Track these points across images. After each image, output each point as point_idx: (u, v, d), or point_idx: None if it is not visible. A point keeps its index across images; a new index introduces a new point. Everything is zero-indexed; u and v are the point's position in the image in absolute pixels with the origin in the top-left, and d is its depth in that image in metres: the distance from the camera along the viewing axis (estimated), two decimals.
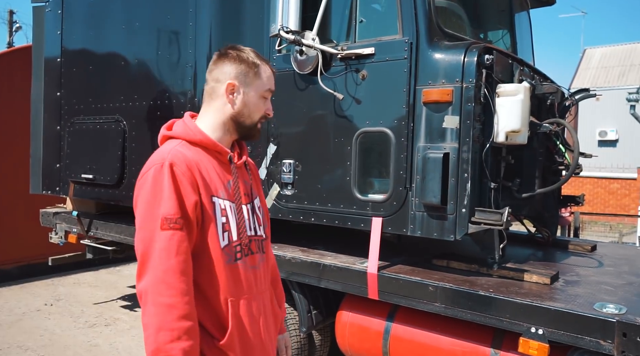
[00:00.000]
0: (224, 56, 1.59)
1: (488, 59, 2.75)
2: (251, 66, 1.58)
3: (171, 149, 1.49)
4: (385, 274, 2.93)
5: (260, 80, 1.58)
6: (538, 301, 2.50)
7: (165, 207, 1.40)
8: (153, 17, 3.76)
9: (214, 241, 1.48)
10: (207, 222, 1.47)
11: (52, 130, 4.49)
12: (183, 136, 1.55)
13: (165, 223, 1.39)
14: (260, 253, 1.64)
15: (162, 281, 1.36)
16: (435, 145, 2.79)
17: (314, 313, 3.38)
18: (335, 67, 3.14)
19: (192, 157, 1.50)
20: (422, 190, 2.80)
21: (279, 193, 3.40)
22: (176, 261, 1.38)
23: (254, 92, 1.58)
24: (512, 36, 3.96)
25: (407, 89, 2.86)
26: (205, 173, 1.50)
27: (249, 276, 1.56)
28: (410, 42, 2.86)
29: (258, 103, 1.59)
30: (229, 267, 1.50)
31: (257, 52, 1.62)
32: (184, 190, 1.43)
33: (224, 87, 1.56)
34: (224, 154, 1.57)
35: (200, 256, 1.47)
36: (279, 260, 3.32)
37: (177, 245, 1.39)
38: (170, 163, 1.44)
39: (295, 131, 3.34)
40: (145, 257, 1.39)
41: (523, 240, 4.19)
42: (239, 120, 1.58)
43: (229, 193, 1.54)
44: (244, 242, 1.54)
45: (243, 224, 1.55)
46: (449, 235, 2.78)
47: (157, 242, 1.38)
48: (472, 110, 2.71)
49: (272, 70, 1.63)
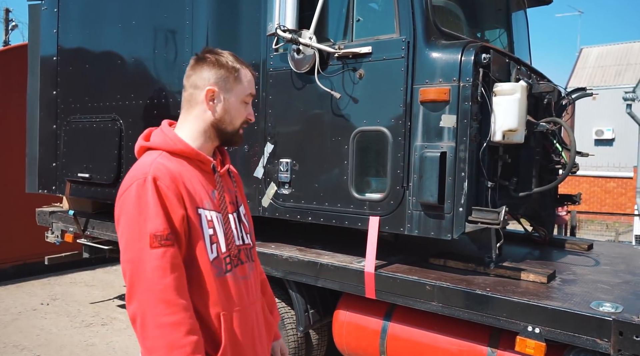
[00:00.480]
0: (201, 61, 1.52)
1: (485, 58, 2.75)
2: (231, 71, 1.52)
3: (152, 161, 1.42)
4: (382, 273, 2.93)
5: (241, 85, 1.53)
6: (535, 300, 2.50)
7: (153, 223, 1.34)
8: (150, 15, 3.74)
9: (202, 254, 1.43)
10: (194, 235, 1.42)
11: (48, 129, 4.47)
12: (163, 146, 1.48)
13: (155, 240, 1.33)
14: (249, 262, 1.60)
15: (161, 301, 1.30)
16: (433, 144, 2.79)
17: (311, 312, 3.38)
18: (333, 66, 3.13)
19: (175, 168, 1.44)
20: (419, 189, 2.80)
21: (276, 192, 3.39)
22: (172, 278, 1.33)
23: (234, 97, 1.53)
24: (509, 35, 3.96)
25: (405, 88, 2.86)
26: (189, 184, 1.45)
27: (240, 288, 1.51)
28: (407, 41, 2.86)
29: (239, 108, 1.54)
30: (219, 280, 1.45)
31: (235, 55, 1.57)
32: (170, 205, 1.37)
33: (204, 94, 1.50)
34: (207, 163, 1.52)
35: (189, 270, 1.42)
36: (276, 260, 3.32)
37: (171, 261, 1.34)
38: (153, 177, 1.37)
39: (293, 130, 3.33)
40: (135, 278, 1.33)
41: (520, 239, 4.20)
42: (221, 127, 1.53)
43: (214, 204, 1.49)
44: (233, 253, 1.50)
45: (231, 235, 1.51)
46: (446, 234, 2.78)
47: (148, 262, 1.32)
48: (469, 109, 2.71)
49: (252, 74, 1.58)
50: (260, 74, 3.43)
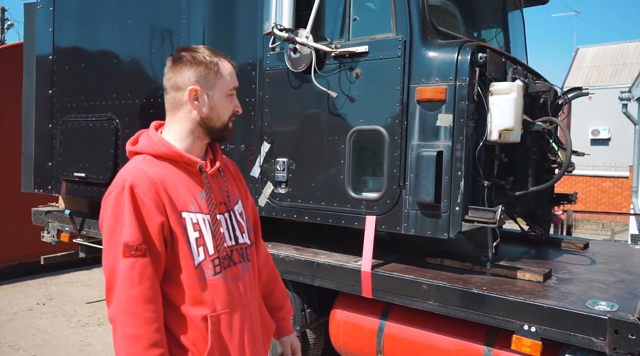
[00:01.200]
0: (178, 61, 1.49)
1: (481, 57, 2.75)
2: (210, 66, 1.48)
3: (132, 168, 1.43)
4: (379, 272, 2.93)
5: (223, 79, 1.50)
6: (531, 299, 2.51)
7: (126, 233, 1.35)
8: (146, 14, 3.73)
9: (186, 259, 1.43)
10: (178, 240, 1.41)
11: (44, 129, 4.46)
12: (147, 150, 1.48)
13: (127, 250, 1.34)
14: (244, 262, 1.57)
15: (127, 312, 1.33)
16: (429, 144, 2.79)
17: (307, 311, 3.37)
18: (329, 65, 3.13)
19: (157, 173, 1.43)
20: (416, 189, 2.80)
21: (272, 191, 3.39)
22: (139, 290, 1.34)
23: (218, 93, 1.50)
24: (505, 35, 3.97)
25: (401, 87, 2.86)
26: (172, 188, 1.44)
27: (231, 289, 1.50)
28: (403, 40, 2.86)
29: (225, 103, 1.52)
30: (205, 282, 1.44)
31: (211, 49, 1.53)
32: (146, 213, 1.37)
33: (187, 94, 1.48)
34: (193, 165, 1.49)
35: (174, 275, 1.43)
36: (274, 259, 3.30)
37: (140, 272, 1.34)
38: (130, 185, 1.38)
39: (289, 129, 3.33)
40: (110, 284, 1.37)
41: (516, 238, 4.21)
42: (209, 124, 1.51)
43: (201, 206, 1.48)
44: (223, 255, 1.48)
45: (220, 236, 1.49)
46: (443, 233, 2.78)
47: (120, 270, 1.34)
48: (465, 108, 2.71)
49: (232, 65, 1.54)
50: (256, 73, 3.43)
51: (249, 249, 1.63)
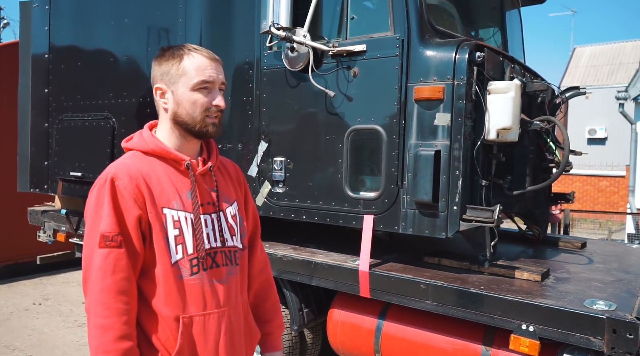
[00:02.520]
0: (153, 60, 1.52)
1: (479, 56, 2.74)
2: (172, 62, 1.46)
3: (118, 162, 1.46)
4: (376, 272, 2.92)
5: (185, 75, 1.45)
6: (529, 298, 2.50)
7: (103, 224, 1.37)
8: (142, 13, 3.71)
9: (162, 255, 1.41)
10: (156, 235, 1.41)
11: (40, 128, 4.43)
12: (137, 147, 1.51)
13: (102, 240, 1.36)
14: (230, 265, 1.53)
15: (99, 302, 1.34)
16: (427, 143, 2.78)
17: (305, 311, 3.36)
18: (327, 64, 3.12)
19: (142, 167, 1.45)
20: (414, 188, 2.79)
21: (270, 191, 3.38)
22: (112, 280, 1.34)
23: (183, 88, 1.46)
24: (502, 34, 3.96)
25: (399, 86, 2.85)
26: (156, 184, 1.44)
27: (209, 292, 1.46)
28: (401, 39, 2.85)
29: (192, 98, 1.46)
30: (181, 282, 1.43)
31: (190, 45, 1.51)
32: (124, 205, 1.38)
33: (155, 93, 1.51)
34: (180, 162, 1.49)
35: (150, 271, 1.42)
36: (270, 258, 3.28)
37: (114, 263, 1.35)
38: (112, 177, 1.40)
39: (287, 128, 3.32)
40: (86, 274, 1.38)
41: (514, 237, 4.21)
42: (179, 121, 1.49)
43: (185, 204, 1.46)
44: (201, 255, 1.46)
45: (201, 236, 1.46)
46: (441, 232, 2.78)
47: (95, 260, 1.36)
48: (463, 107, 2.70)
49: (205, 57, 1.47)
50: (254, 72, 3.41)
51: (239, 253, 1.59)
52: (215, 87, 1.50)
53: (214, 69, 1.49)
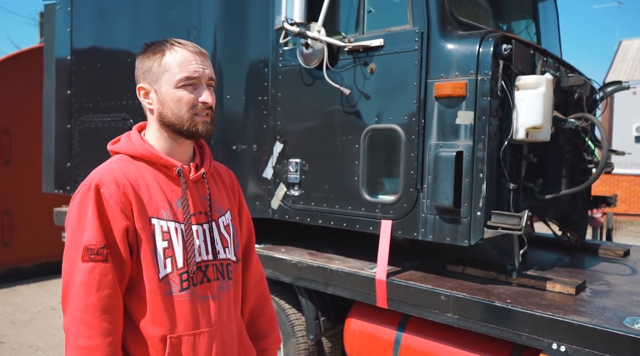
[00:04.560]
0: (136, 57, 1.41)
1: (506, 49, 2.52)
2: (153, 58, 1.36)
3: (104, 167, 1.34)
4: (394, 281, 2.74)
5: (167, 71, 1.33)
6: (560, 314, 2.27)
7: (87, 235, 1.24)
8: (158, 11, 3.65)
9: (149, 270, 1.29)
10: (143, 248, 1.29)
11: (63, 129, 4.45)
12: (124, 150, 1.38)
13: (86, 254, 1.23)
14: (222, 280, 1.41)
15: (81, 321, 1.22)
16: (448, 143, 2.58)
17: (322, 319, 3.22)
18: (343, 61, 2.96)
19: (129, 173, 1.32)
20: (434, 192, 2.60)
21: (285, 193, 3.24)
22: (96, 297, 1.22)
23: (166, 85, 1.34)
24: (536, 26, 3.70)
25: (418, 82, 2.66)
26: (144, 191, 1.32)
27: (200, 309, 1.35)
28: (421, 32, 2.66)
29: (177, 95, 1.33)
30: (170, 298, 1.31)
31: (175, 39, 1.38)
32: (111, 215, 1.27)
33: (139, 94, 1.40)
34: (171, 168, 1.37)
35: (137, 287, 1.30)
36: (285, 264, 3.17)
37: (99, 279, 1.23)
38: (96, 184, 1.28)
39: (302, 129, 3.18)
40: (66, 290, 1.26)
41: (548, 243, 3.93)
42: (166, 122, 1.36)
43: (176, 213, 1.34)
44: (192, 269, 1.33)
45: (192, 248, 1.34)
46: (463, 240, 2.57)
47: (77, 275, 1.23)
48: (487, 104, 2.49)
49: (189, 51, 1.35)
50: (269, 70, 3.29)
51: (232, 266, 1.47)
52: (202, 83, 1.36)
53: (199, 63, 1.36)
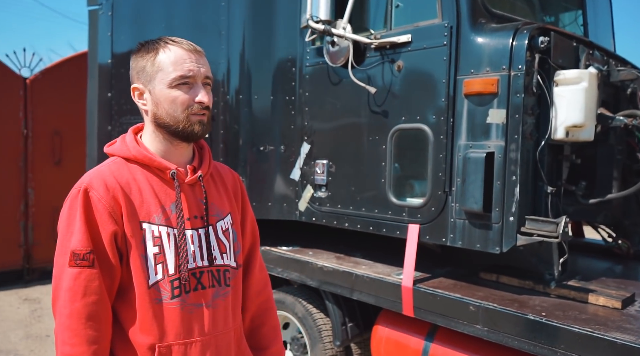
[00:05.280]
0: (131, 57, 1.39)
1: (543, 42, 2.33)
2: (146, 57, 1.32)
3: (95, 170, 1.32)
4: (421, 288, 2.61)
5: (161, 70, 1.29)
6: (601, 331, 2.07)
7: (74, 240, 1.23)
8: (189, 13, 3.68)
9: (139, 276, 1.25)
10: (133, 253, 1.26)
11: (104, 131, 4.58)
12: (118, 152, 1.36)
13: (73, 259, 1.22)
14: (218, 287, 1.36)
15: (67, 328, 1.20)
16: (478, 144, 2.42)
17: (349, 325, 3.12)
18: (370, 58, 2.85)
19: (121, 176, 1.29)
20: (463, 195, 2.45)
21: (312, 195, 3.17)
22: (82, 304, 1.20)
23: (160, 85, 1.30)
24: (583, 16, 3.44)
25: (447, 79, 2.52)
26: (136, 195, 1.29)
27: (192, 317, 1.30)
28: (450, 27, 2.51)
29: (171, 95, 1.29)
30: (160, 306, 1.27)
31: (170, 37, 1.34)
32: (99, 219, 1.24)
33: (133, 94, 1.37)
34: (165, 170, 1.33)
35: (127, 294, 1.27)
36: (311, 268, 3.10)
37: (85, 285, 1.21)
38: (85, 187, 1.26)
39: (329, 129, 3.09)
40: (54, 295, 1.25)
41: (598, 250, 3.65)
42: (161, 123, 1.32)
43: (169, 218, 1.30)
44: (184, 276, 1.29)
45: (184, 254, 1.29)
46: (494, 247, 2.40)
47: (64, 281, 1.22)
48: (521, 102, 2.31)
49: (183, 49, 1.30)
50: (296, 70, 3.23)
51: (231, 273, 1.41)
52: (198, 82, 1.32)
53: (194, 61, 1.31)
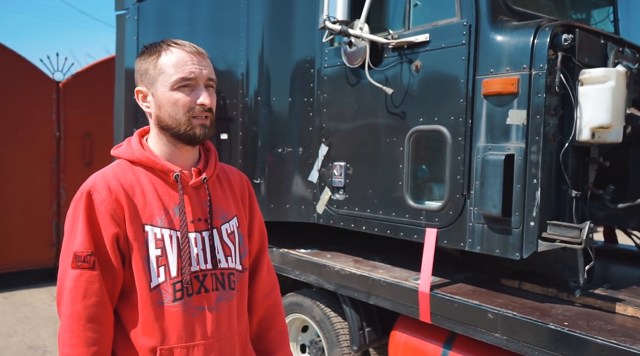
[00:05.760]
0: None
1: (566, 40, 2.24)
2: (149, 60, 1.33)
3: (99, 172, 1.33)
4: (438, 294, 2.54)
5: (163, 73, 1.30)
6: (628, 343, 1.96)
7: (77, 241, 1.25)
8: (210, 15, 3.70)
9: (141, 279, 1.27)
10: (135, 256, 1.27)
11: (130, 133, 4.65)
12: (123, 155, 1.37)
13: (75, 260, 1.24)
14: (223, 290, 1.36)
15: (67, 329, 1.23)
16: (497, 145, 2.34)
17: (367, 330, 3.07)
18: (388, 59, 2.80)
19: (126, 178, 1.31)
20: (481, 199, 2.37)
21: (330, 198, 3.14)
22: (82, 305, 1.22)
23: (162, 88, 1.30)
24: (614, 12, 3.29)
25: (465, 79, 2.45)
26: (139, 197, 1.30)
27: (195, 321, 1.30)
28: (468, 25, 2.44)
29: (173, 98, 1.29)
30: (162, 309, 1.27)
31: (173, 39, 1.35)
32: (101, 221, 1.26)
33: (137, 97, 1.38)
34: (168, 173, 1.33)
35: (130, 296, 1.29)
36: (328, 271, 3.06)
37: (85, 286, 1.23)
38: (88, 190, 1.28)
39: (347, 131, 3.05)
40: (59, 296, 1.27)
41: (632, 257, 3.48)
42: (163, 125, 1.33)
43: (172, 220, 1.31)
44: (186, 279, 1.29)
45: (187, 257, 1.29)
46: (514, 252, 2.32)
47: (67, 282, 1.25)
48: (543, 102, 2.22)
49: (185, 52, 1.30)
50: (314, 71, 3.20)
51: (236, 276, 1.41)
52: (200, 84, 1.32)
53: (196, 63, 1.32)
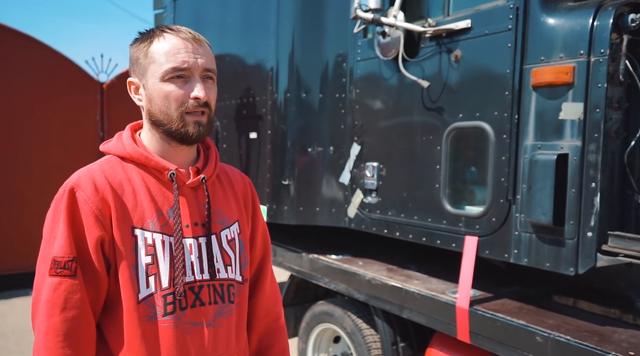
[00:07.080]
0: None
1: (634, 20, 1.92)
2: (140, 47, 1.18)
3: (85, 168, 1.18)
4: (479, 311, 2.26)
5: (154, 62, 1.15)
6: None
7: (56, 245, 1.10)
8: (240, 11, 3.57)
9: (127, 289, 1.11)
10: (122, 263, 1.11)
11: None
12: (113, 150, 1.22)
13: (53, 267, 1.08)
14: (221, 303, 1.21)
15: (43, 346, 1.08)
16: (548, 144, 2.05)
17: (401, 345, 2.82)
18: (425, 49, 2.55)
19: (115, 176, 1.16)
20: (529, 204, 2.08)
21: (362, 200, 2.92)
22: (60, 319, 1.07)
23: (152, 79, 1.16)
24: None
25: (512, 69, 2.16)
26: (129, 197, 1.14)
27: (189, 338, 1.15)
28: (516, 8, 2.15)
29: (164, 90, 1.14)
30: (151, 324, 1.11)
31: (168, 25, 1.20)
32: (85, 223, 1.11)
33: (129, 89, 1.23)
34: (162, 171, 1.18)
35: (114, 309, 1.13)
36: (359, 280, 2.84)
37: (65, 297, 1.07)
38: (71, 187, 1.12)
39: (380, 128, 2.83)
40: (34, 308, 1.13)
41: None
42: (155, 121, 1.18)
43: (165, 224, 1.15)
44: (178, 290, 1.13)
45: (180, 265, 1.13)
46: (568, 267, 2.01)
47: (43, 291, 1.10)
48: (604, 94, 1.91)
49: (179, 38, 1.15)
50: (347, 65, 3.00)
51: (235, 288, 1.24)
52: (195, 75, 1.16)
53: (189, 51, 1.15)
